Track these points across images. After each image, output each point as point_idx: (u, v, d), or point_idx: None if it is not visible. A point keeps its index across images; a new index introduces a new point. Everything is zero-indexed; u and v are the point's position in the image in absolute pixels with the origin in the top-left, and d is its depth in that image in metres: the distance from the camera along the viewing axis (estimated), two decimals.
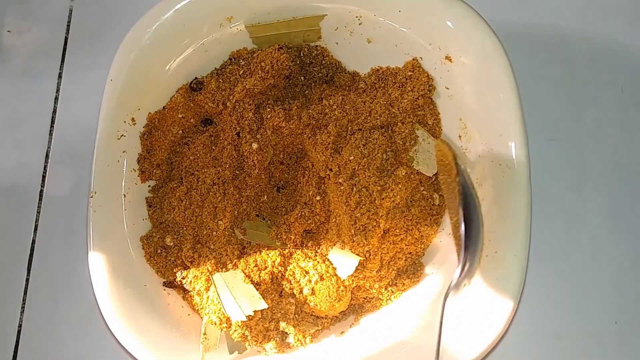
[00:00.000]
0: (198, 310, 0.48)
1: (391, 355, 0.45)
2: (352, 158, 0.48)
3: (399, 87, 0.51)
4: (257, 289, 0.47)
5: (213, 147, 0.51)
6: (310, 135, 0.50)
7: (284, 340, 0.48)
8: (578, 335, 0.52)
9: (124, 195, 0.49)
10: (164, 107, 0.51)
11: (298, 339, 0.48)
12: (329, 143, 0.49)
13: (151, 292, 0.48)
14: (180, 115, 0.51)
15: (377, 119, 0.50)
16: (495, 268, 0.44)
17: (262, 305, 0.46)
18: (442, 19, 0.47)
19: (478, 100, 0.47)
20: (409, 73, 0.51)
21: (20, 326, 0.54)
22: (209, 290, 0.48)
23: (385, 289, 0.49)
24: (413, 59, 0.50)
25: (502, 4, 0.58)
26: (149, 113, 0.51)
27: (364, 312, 0.50)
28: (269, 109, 0.50)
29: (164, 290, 0.48)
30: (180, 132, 0.52)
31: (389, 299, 0.49)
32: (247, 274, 0.48)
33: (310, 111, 0.50)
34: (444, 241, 0.50)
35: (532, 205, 0.44)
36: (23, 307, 0.55)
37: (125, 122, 0.49)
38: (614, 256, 0.53)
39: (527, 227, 0.44)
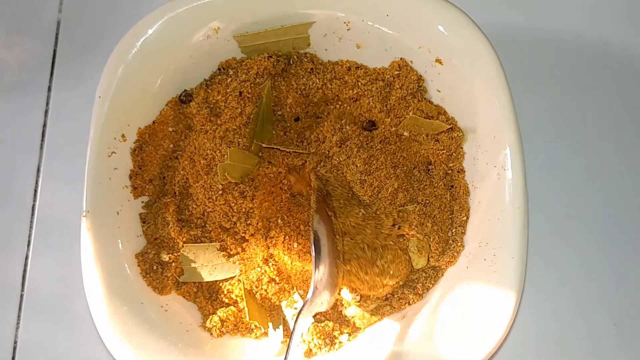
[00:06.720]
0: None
1: None
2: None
3: (387, 85, 0.50)
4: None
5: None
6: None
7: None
8: (577, 338, 0.52)
9: (117, 213, 0.48)
10: (153, 122, 0.51)
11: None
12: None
13: (148, 309, 0.47)
14: (170, 129, 0.51)
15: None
16: (494, 272, 0.44)
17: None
18: (431, 22, 0.47)
19: (470, 102, 0.47)
20: (396, 72, 0.50)
21: (15, 343, 0.54)
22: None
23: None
24: (400, 59, 0.50)
25: (491, 5, 0.58)
26: (139, 128, 0.50)
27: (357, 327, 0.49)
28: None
29: (161, 307, 0.48)
30: (172, 146, 0.51)
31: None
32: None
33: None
34: None
35: (529, 207, 0.44)
36: (18, 325, 0.55)
37: (115, 138, 0.48)
38: (613, 258, 0.53)
39: (525, 230, 0.43)
